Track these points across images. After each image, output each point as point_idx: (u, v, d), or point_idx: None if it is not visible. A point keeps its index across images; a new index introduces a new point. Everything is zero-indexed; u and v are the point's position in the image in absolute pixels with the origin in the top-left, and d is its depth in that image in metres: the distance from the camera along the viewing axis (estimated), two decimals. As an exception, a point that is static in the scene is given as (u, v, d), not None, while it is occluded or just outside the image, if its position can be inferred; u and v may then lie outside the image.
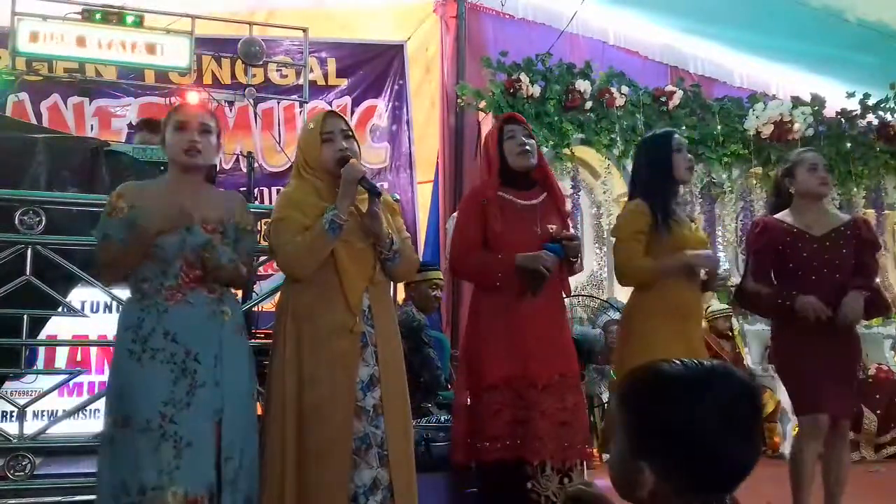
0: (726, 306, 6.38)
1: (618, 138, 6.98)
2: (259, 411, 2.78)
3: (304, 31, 6.66)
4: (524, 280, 2.93)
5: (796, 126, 7.28)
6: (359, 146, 2.78)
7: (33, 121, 6.51)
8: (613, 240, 3.36)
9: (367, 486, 2.57)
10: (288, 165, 7.26)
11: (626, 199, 6.96)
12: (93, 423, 3.69)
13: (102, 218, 2.49)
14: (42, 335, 3.56)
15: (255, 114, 7.39)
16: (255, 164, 6.60)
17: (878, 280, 3.46)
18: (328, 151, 2.68)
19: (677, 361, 1.24)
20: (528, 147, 3.05)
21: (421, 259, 6.75)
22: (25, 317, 3.13)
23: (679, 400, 1.18)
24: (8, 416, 3.80)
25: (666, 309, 3.05)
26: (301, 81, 6.78)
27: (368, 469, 2.58)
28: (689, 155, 3.19)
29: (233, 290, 2.65)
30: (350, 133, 2.74)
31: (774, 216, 3.40)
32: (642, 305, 3.16)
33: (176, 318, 2.40)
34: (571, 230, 3.23)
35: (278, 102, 7.49)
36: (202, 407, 2.38)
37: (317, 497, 2.51)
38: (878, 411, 5.76)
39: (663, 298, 3.07)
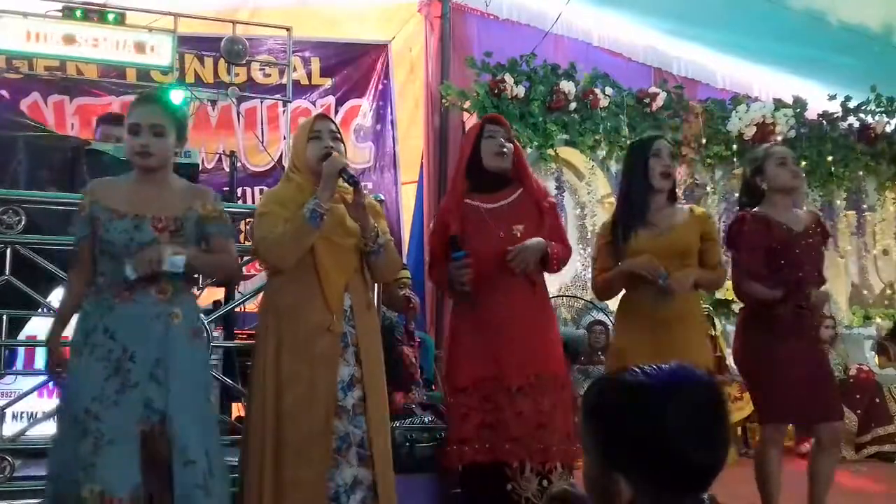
0: (707, 307, 6.41)
1: (602, 139, 7.00)
2: (240, 412, 2.76)
3: (288, 30, 6.63)
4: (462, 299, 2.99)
5: (778, 128, 7.33)
6: (345, 149, 2.81)
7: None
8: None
9: (349, 485, 2.58)
10: (271, 165, 7.24)
11: (610, 199, 7.06)
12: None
13: (76, 217, 2.53)
14: (21, 336, 3.52)
15: (238, 113, 7.35)
16: (238, 164, 6.58)
17: None
18: (313, 149, 2.71)
19: (637, 370, 1.23)
20: (505, 150, 3.05)
21: (405, 261, 6.80)
22: (4, 317, 3.10)
23: (644, 409, 1.18)
24: (-13, 418, 3.76)
25: (633, 318, 3.09)
26: (284, 81, 6.75)
27: (349, 468, 2.60)
28: (668, 162, 3.13)
29: (194, 291, 2.67)
30: (338, 136, 2.78)
31: (760, 212, 3.29)
32: (618, 315, 3.25)
33: (119, 315, 2.39)
34: (557, 220, 3.22)
35: (261, 102, 7.45)
36: (131, 408, 2.35)
37: (295, 496, 2.51)
38: (859, 411, 5.80)
39: (632, 308, 3.11)
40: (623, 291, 3.22)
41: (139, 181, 2.52)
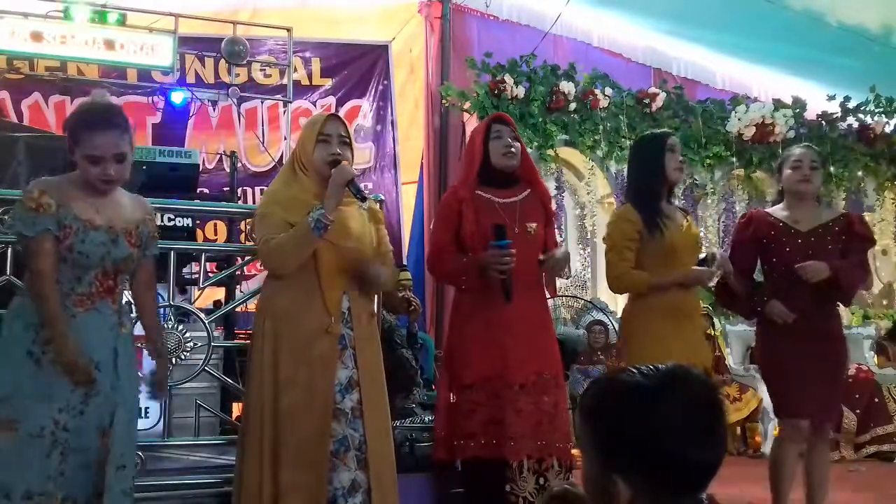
0: (706, 305, 6.41)
1: (601, 140, 7.02)
2: (240, 412, 2.75)
3: (289, 30, 6.65)
4: (495, 284, 2.92)
5: (778, 128, 7.34)
6: (353, 154, 2.77)
7: (13, 120, 6.46)
8: (602, 245, 3.35)
9: (346, 489, 2.57)
10: (272, 165, 7.26)
11: (610, 199, 7.07)
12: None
13: (27, 214, 2.29)
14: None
15: (239, 113, 7.37)
16: (238, 164, 6.60)
17: (865, 274, 3.32)
18: (321, 152, 2.67)
19: (634, 370, 1.25)
20: (513, 149, 3.05)
21: (405, 261, 6.82)
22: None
23: (641, 409, 1.19)
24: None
25: (661, 310, 3.04)
26: (285, 81, 6.77)
27: (347, 471, 2.58)
28: (682, 157, 3.19)
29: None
30: (347, 140, 2.73)
31: (764, 210, 3.40)
32: (638, 308, 3.17)
33: (84, 326, 2.33)
34: (555, 228, 3.25)
35: (262, 102, 7.48)
36: (94, 416, 2.33)
37: (295, 498, 2.50)
38: (858, 411, 5.81)
39: (658, 300, 3.07)
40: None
41: (93, 191, 2.39)
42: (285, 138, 6.90)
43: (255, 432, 2.57)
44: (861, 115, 7.85)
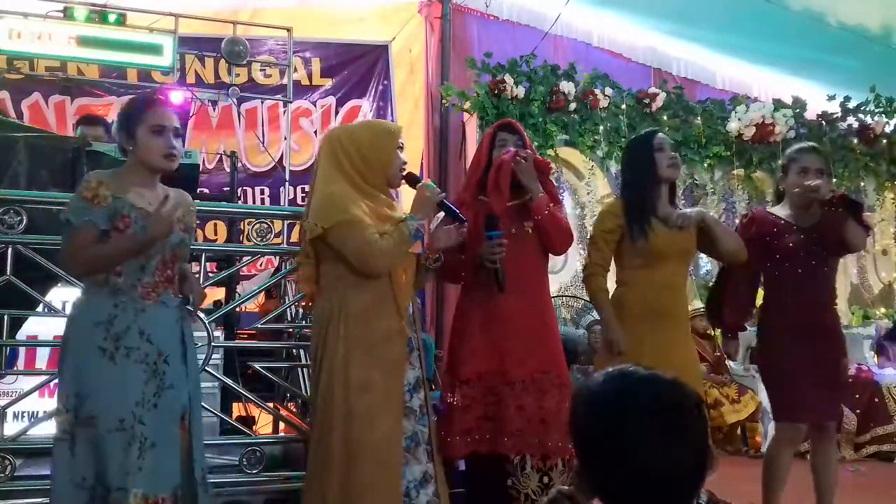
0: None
1: (602, 140, 7.02)
2: (240, 411, 2.76)
3: (289, 30, 6.65)
4: (489, 275, 2.95)
5: (778, 128, 7.34)
6: None
7: (13, 118, 6.45)
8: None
9: (418, 481, 2.69)
10: (272, 165, 7.25)
11: (610, 199, 7.03)
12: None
13: (79, 203, 2.35)
14: (22, 335, 3.53)
15: (239, 113, 7.37)
16: (238, 164, 6.59)
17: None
18: (398, 161, 2.91)
19: (599, 378, 1.23)
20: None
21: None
22: (6, 317, 3.10)
23: (605, 417, 1.18)
24: (-12, 418, 3.76)
25: (636, 310, 3.07)
26: (285, 81, 6.77)
27: (418, 465, 2.70)
28: (673, 153, 3.17)
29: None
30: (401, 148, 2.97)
31: (765, 209, 3.42)
32: (615, 304, 3.17)
33: (152, 318, 2.39)
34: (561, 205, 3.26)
35: (262, 102, 7.47)
36: (168, 408, 2.40)
37: (372, 497, 2.55)
38: (858, 411, 5.81)
39: (634, 299, 3.10)
40: (615, 287, 3.24)
41: (142, 181, 2.47)
42: (285, 138, 6.90)
43: (324, 432, 2.62)
44: (861, 115, 7.85)
